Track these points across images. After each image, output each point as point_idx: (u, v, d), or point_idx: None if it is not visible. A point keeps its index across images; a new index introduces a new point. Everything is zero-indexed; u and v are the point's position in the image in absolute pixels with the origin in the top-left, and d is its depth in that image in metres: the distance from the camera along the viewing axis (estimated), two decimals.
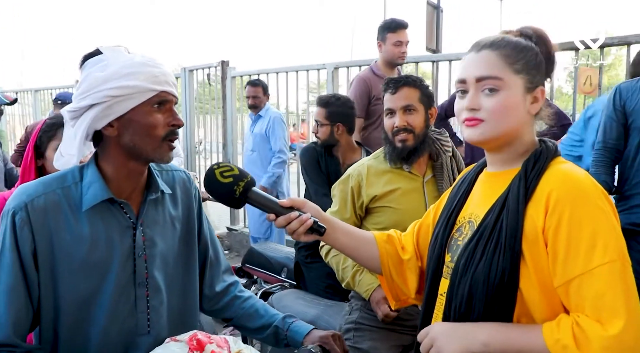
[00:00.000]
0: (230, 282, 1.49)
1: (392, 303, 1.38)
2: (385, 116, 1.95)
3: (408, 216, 1.83)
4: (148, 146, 1.18)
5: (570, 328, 0.94)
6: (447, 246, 1.17)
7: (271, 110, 4.59)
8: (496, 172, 1.14)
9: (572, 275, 0.96)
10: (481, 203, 1.13)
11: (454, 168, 2.00)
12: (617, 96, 2.49)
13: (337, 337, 1.34)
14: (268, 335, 1.41)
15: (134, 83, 1.13)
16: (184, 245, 1.36)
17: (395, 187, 1.91)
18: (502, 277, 1.00)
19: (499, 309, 1.01)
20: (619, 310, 0.92)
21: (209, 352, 1.16)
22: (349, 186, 1.97)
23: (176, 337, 1.19)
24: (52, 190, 1.18)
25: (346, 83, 4.64)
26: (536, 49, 1.09)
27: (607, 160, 2.51)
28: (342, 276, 1.96)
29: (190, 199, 1.39)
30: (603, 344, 0.90)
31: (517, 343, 0.98)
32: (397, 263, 1.33)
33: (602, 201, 0.99)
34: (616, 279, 0.93)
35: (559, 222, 0.97)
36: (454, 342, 1.03)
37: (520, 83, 1.06)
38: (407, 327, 1.90)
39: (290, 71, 4.97)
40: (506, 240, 1.01)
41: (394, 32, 3.48)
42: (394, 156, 1.92)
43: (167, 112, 1.20)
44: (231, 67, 5.49)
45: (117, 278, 1.20)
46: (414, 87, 1.90)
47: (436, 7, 9.49)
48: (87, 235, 1.18)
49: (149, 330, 1.26)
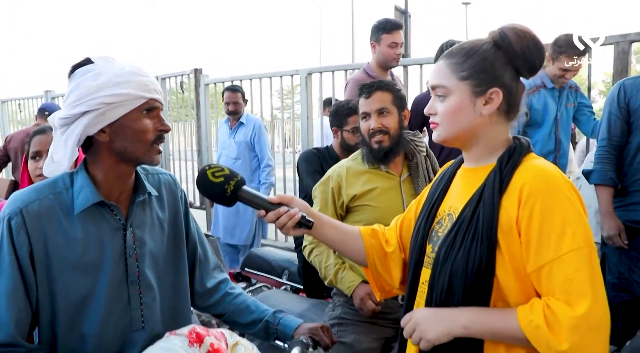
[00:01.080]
0: (221, 279, 1.55)
1: (377, 295, 1.45)
2: (361, 120, 2.04)
3: (386, 213, 1.92)
4: (138, 150, 1.25)
5: (541, 311, 1.01)
6: (428, 238, 1.25)
7: (251, 117, 4.56)
8: (472, 167, 1.22)
9: (544, 261, 1.03)
10: (460, 197, 1.21)
11: (429, 167, 2.09)
12: (622, 93, 2.50)
13: (325, 328, 1.41)
14: (259, 329, 1.47)
15: (127, 91, 1.20)
16: (173, 244, 1.41)
17: (373, 186, 2.00)
18: (479, 265, 1.07)
19: (477, 295, 1.08)
20: (586, 292, 0.99)
21: (207, 344, 1.22)
22: (329, 187, 2.05)
23: (175, 331, 1.24)
24: (45, 196, 1.24)
25: (319, 88, 4.71)
26: (487, 53, 1.15)
27: (612, 157, 2.53)
28: (324, 274, 2.03)
29: (177, 200, 1.45)
30: (571, 323, 0.98)
31: (495, 325, 1.06)
32: (382, 256, 1.39)
33: (570, 192, 1.06)
34: (583, 264, 1.01)
35: (531, 213, 1.05)
36: (436, 326, 1.10)
37: (466, 89, 1.15)
38: (389, 320, 1.98)
39: (263, 77, 5.00)
40: (483, 231, 1.08)
41: (389, 33, 3.32)
42: (371, 157, 2.00)
43: (155, 118, 1.27)
44: (204, 74, 5.52)
45: (110, 277, 1.26)
46: (387, 91, 2.00)
47: (404, 12, 9.68)
48: (79, 237, 1.23)
49: (143, 325, 1.32)
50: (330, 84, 4.53)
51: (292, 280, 2.94)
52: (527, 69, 1.16)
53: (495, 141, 1.18)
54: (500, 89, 1.15)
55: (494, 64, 1.15)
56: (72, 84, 1.23)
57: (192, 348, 1.22)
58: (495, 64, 1.15)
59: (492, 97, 1.15)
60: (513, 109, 1.18)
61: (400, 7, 9.53)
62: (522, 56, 1.14)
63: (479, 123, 1.16)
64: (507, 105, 1.17)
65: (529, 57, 1.14)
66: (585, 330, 0.98)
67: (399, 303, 1.96)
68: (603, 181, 2.53)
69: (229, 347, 1.28)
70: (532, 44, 1.14)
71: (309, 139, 4.79)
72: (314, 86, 4.72)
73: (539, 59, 1.15)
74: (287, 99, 18.87)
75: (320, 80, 4.66)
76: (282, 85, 4.95)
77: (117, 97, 1.19)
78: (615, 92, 2.52)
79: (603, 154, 2.55)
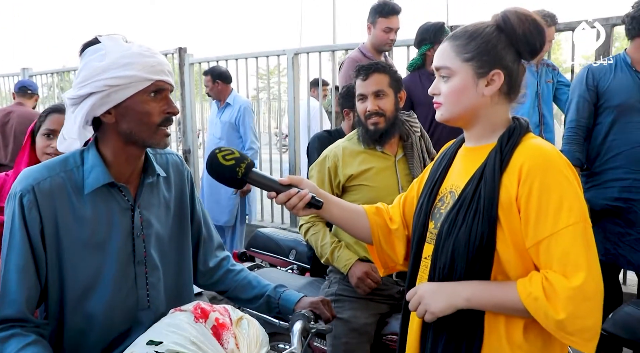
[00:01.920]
0: (222, 257, 1.57)
1: (381, 271, 1.49)
2: (357, 101, 2.07)
3: (382, 193, 1.99)
4: (144, 133, 1.24)
5: (540, 283, 1.07)
6: (430, 215, 1.29)
7: (239, 99, 4.53)
8: (473, 147, 1.26)
9: (542, 236, 1.08)
10: (461, 175, 1.25)
11: (423, 147, 2.13)
12: (590, 76, 2.61)
13: (325, 302, 1.44)
14: (261, 304, 1.49)
15: (132, 73, 1.18)
16: (178, 225, 1.43)
17: (369, 166, 2.04)
18: (481, 240, 1.12)
19: (478, 269, 1.14)
20: (582, 265, 1.05)
21: (212, 319, 1.24)
22: (326, 167, 2.08)
23: (181, 307, 1.26)
24: (57, 173, 1.24)
25: (306, 69, 4.70)
26: (490, 35, 1.19)
27: (579, 138, 2.63)
28: (321, 253, 2.07)
29: (183, 181, 1.46)
30: (568, 294, 1.04)
31: (496, 297, 1.12)
32: (386, 233, 1.44)
33: (567, 170, 1.12)
34: (579, 238, 1.07)
35: (530, 190, 1.10)
36: (440, 299, 1.16)
37: (469, 70, 1.19)
38: (384, 296, 2.03)
39: (249, 57, 4.97)
40: (484, 207, 1.13)
41: (385, 17, 3.27)
42: (367, 138, 2.04)
43: (163, 100, 1.25)
44: (189, 54, 5.45)
45: (118, 257, 1.28)
46: (384, 73, 2.03)
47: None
48: (89, 216, 1.24)
49: (149, 305, 1.34)
50: (317, 65, 4.52)
51: (300, 260, 2.94)
52: (529, 51, 1.20)
53: (496, 121, 1.22)
54: (501, 71, 1.18)
55: (496, 46, 1.18)
56: (81, 63, 1.23)
57: (197, 324, 1.23)
58: (497, 46, 1.18)
59: (494, 79, 1.19)
60: (514, 90, 1.22)
61: None
62: (523, 38, 1.18)
63: (481, 103, 1.20)
64: (508, 86, 1.21)
65: (530, 39, 1.18)
66: (580, 300, 1.04)
67: (393, 279, 2.01)
68: (572, 162, 2.58)
69: (233, 321, 1.31)
70: (533, 27, 1.18)
71: (295, 120, 4.79)
72: (302, 67, 4.70)
73: (540, 41, 1.19)
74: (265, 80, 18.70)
75: (307, 60, 4.64)
76: (269, 65, 4.92)
77: (122, 79, 1.18)
78: (583, 76, 2.63)
79: (571, 135, 2.65)
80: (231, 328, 1.26)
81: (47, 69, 7.41)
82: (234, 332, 1.26)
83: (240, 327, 1.31)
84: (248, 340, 1.28)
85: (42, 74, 7.26)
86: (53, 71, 7.18)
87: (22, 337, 1.16)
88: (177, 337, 1.17)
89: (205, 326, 1.24)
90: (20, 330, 1.18)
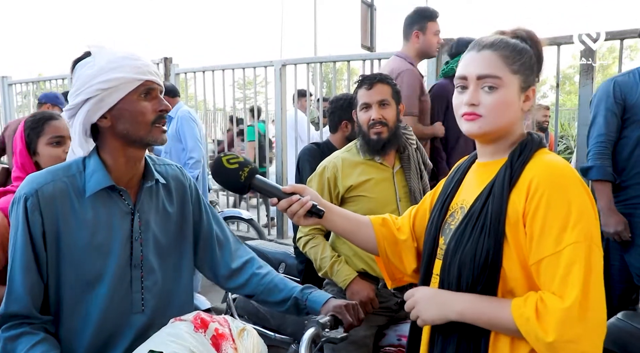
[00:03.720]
0: (247, 259, 1.56)
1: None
2: (359, 111, 2.07)
3: (380, 204, 1.99)
4: (140, 131, 1.29)
5: (534, 303, 1.03)
6: (441, 230, 1.27)
7: (180, 109, 4.23)
8: (486, 162, 1.24)
9: (544, 254, 1.05)
10: (472, 190, 1.23)
11: (419, 159, 2.15)
12: (617, 89, 2.53)
13: (350, 306, 1.40)
14: (289, 306, 1.48)
15: (120, 75, 1.24)
16: (178, 232, 1.45)
17: (368, 177, 2.04)
18: (487, 257, 1.10)
19: (484, 286, 1.11)
20: (577, 285, 1.00)
21: (212, 329, 1.23)
22: (325, 178, 2.08)
23: (181, 317, 1.25)
24: (59, 178, 1.29)
25: (294, 80, 4.71)
26: (531, 51, 1.18)
27: (609, 152, 2.56)
28: (320, 266, 2.06)
29: (185, 191, 1.48)
30: (559, 315, 0.99)
31: (489, 314, 1.09)
32: (393, 244, 1.42)
33: (578, 188, 1.07)
34: (579, 259, 1.01)
35: (537, 207, 1.07)
36: (432, 308, 1.15)
37: (517, 82, 1.16)
38: (382, 308, 2.02)
39: (236, 68, 4.98)
40: (491, 223, 1.11)
41: (434, 21, 3.15)
42: (369, 148, 2.04)
43: (154, 100, 1.31)
44: (174, 64, 5.44)
45: (117, 260, 1.30)
46: (387, 84, 2.05)
47: (370, 6, 9.72)
48: (90, 220, 1.28)
49: (143, 309, 1.35)
50: (303, 76, 4.54)
51: (290, 273, 2.88)
52: (539, 71, 1.22)
53: (515, 136, 1.20)
54: (534, 88, 1.20)
55: (533, 63, 1.19)
56: (74, 76, 1.29)
57: (197, 334, 1.23)
58: (533, 63, 1.19)
59: (529, 95, 1.19)
60: (532, 108, 1.22)
61: (366, 0, 9.56)
62: (541, 58, 1.21)
63: (517, 118, 1.19)
64: (533, 101, 1.21)
65: (542, 60, 1.21)
66: (572, 322, 0.99)
67: (391, 291, 2.01)
68: (604, 177, 2.54)
69: (234, 333, 1.30)
70: (542, 48, 1.21)
71: (283, 131, 4.79)
72: (289, 78, 4.72)
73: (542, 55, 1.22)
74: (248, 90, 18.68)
75: (295, 71, 4.66)
76: (256, 76, 4.93)
77: (112, 82, 1.24)
78: (609, 89, 2.55)
79: (601, 149, 2.56)
80: (230, 339, 1.25)
81: (24, 78, 7.33)
82: (234, 343, 1.25)
83: (241, 338, 1.31)
84: (247, 351, 1.27)
85: (21, 82, 7.19)
86: (32, 80, 7.15)
87: (31, 335, 1.21)
88: (177, 346, 1.17)
89: (205, 336, 1.24)
90: (29, 328, 1.22)
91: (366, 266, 2.02)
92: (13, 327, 1.22)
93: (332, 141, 2.81)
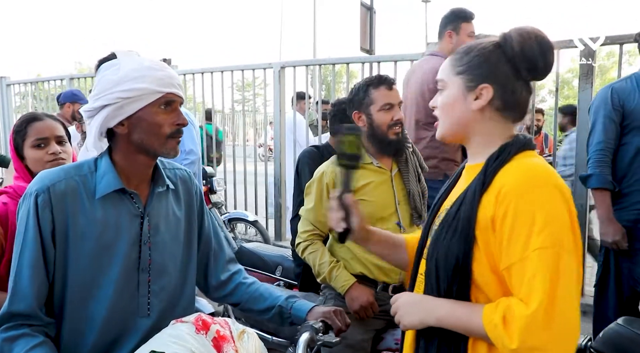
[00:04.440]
0: (234, 271, 1.60)
1: None
2: (378, 111, 2.02)
3: (380, 207, 2.00)
4: (155, 143, 1.30)
5: (503, 309, 1.02)
6: (430, 231, 1.27)
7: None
8: (472, 165, 1.23)
9: (512, 261, 1.04)
10: (455, 193, 1.23)
11: (415, 162, 2.15)
12: (615, 96, 2.51)
13: (338, 312, 1.43)
14: (273, 314, 1.50)
15: (143, 86, 1.24)
16: (185, 237, 1.46)
17: (368, 181, 2.04)
18: (456, 261, 1.10)
19: (456, 290, 1.12)
20: (540, 291, 0.99)
21: (213, 331, 1.24)
22: (324, 183, 2.08)
23: (182, 318, 1.26)
24: (71, 176, 1.29)
25: (292, 83, 4.72)
26: (485, 50, 1.15)
27: (608, 160, 2.53)
28: (318, 271, 2.06)
29: (192, 196, 1.50)
30: (523, 321, 0.98)
31: (464, 321, 1.09)
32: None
33: (549, 193, 1.05)
34: (545, 264, 1.00)
35: (505, 212, 1.05)
36: (413, 314, 1.17)
37: (460, 83, 1.17)
38: (380, 312, 2.02)
39: (235, 69, 4.99)
40: (462, 228, 1.11)
41: (468, 22, 3.16)
42: (385, 148, 2.04)
43: (173, 113, 1.31)
44: (174, 65, 5.43)
45: (124, 262, 1.31)
46: (395, 87, 2.07)
47: (369, 9, 9.74)
48: (99, 220, 1.28)
49: (149, 313, 1.36)
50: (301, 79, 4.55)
51: (286, 276, 2.86)
52: (528, 69, 1.14)
53: (492, 138, 1.18)
54: (491, 86, 1.15)
55: (489, 60, 1.16)
56: (97, 77, 1.29)
57: (198, 335, 1.23)
58: (491, 60, 1.16)
59: (482, 93, 1.16)
60: (510, 107, 1.17)
61: (366, 3, 9.58)
62: (521, 54, 1.13)
63: (471, 118, 1.18)
64: (502, 102, 1.17)
65: (530, 56, 1.13)
66: (536, 329, 0.98)
67: (389, 294, 2.01)
68: (603, 185, 2.53)
69: (235, 335, 1.30)
70: (536, 44, 1.13)
71: (281, 133, 4.80)
72: (288, 80, 4.73)
73: (545, 61, 1.13)
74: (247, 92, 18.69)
75: (294, 74, 4.67)
76: (255, 78, 4.93)
77: (134, 91, 1.24)
78: (607, 96, 2.54)
79: (601, 157, 2.53)
80: (231, 341, 1.26)
81: (23, 78, 7.33)
82: (235, 344, 1.26)
83: (242, 340, 1.31)
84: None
85: (19, 83, 7.20)
86: (30, 81, 7.16)
87: (30, 338, 1.20)
88: (178, 347, 1.18)
89: (206, 338, 1.25)
90: (29, 330, 1.21)
91: (365, 270, 2.03)
92: (13, 328, 1.21)
93: (333, 144, 2.79)
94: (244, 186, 5.25)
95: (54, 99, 5.40)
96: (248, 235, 5.21)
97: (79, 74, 6.97)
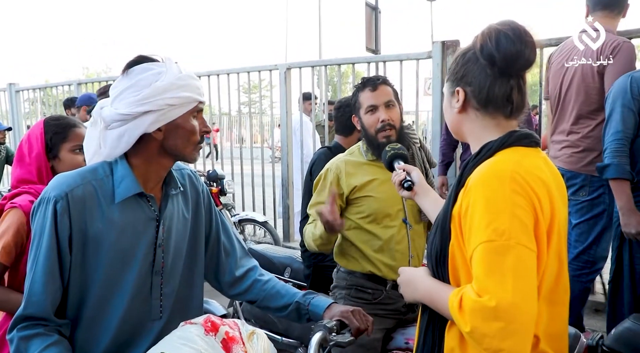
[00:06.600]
0: (249, 267, 1.58)
1: None
2: (364, 114, 2.03)
3: (386, 204, 1.99)
4: (187, 149, 1.34)
5: (461, 294, 1.08)
6: None
7: None
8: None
9: (469, 252, 1.10)
10: None
11: (423, 157, 2.13)
12: (635, 85, 2.42)
13: (357, 311, 1.42)
14: (290, 311, 1.49)
15: (187, 94, 1.29)
16: (193, 238, 1.46)
17: (373, 178, 2.03)
18: (437, 253, 1.21)
19: (439, 277, 1.22)
20: (485, 282, 1.03)
21: (222, 332, 1.25)
22: (329, 181, 2.07)
23: (191, 320, 1.26)
24: (88, 181, 1.29)
25: (299, 84, 4.72)
26: (461, 54, 1.24)
27: (626, 150, 2.44)
28: (311, 237, 2.03)
29: (199, 195, 1.50)
30: (470, 306, 1.04)
31: (437, 300, 1.19)
32: None
33: (502, 187, 1.08)
34: (487, 256, 1.05)
35: (467, 205, 1.12)
36: (407, 290, 1.30)
37: (446, 89, 1.29)
38: (389, 310, 2.02)
39: (241, 71, 5.00)
40: (440, 222, 1.21)
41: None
42: (376, 152, 2.00)
43: (201, 120, 1.36)
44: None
45: (140, 265, 1.32)
46: (389, 86, 2.04)
47: (374, 9, 9.74)
48: (117, 224, 1.29)
49: (161, 315, 1.37)
50: (308, 80, 4.55)
51: (295, 278, 2.85)
52: (501, 59, 1.14)
53: (482, 136, 1.23)
54: (462, 88, 1.22)
55: (465, 63, 1.22)
56: (130, 81, 1.27)
57: (208, 337, 1.24)
58: (466, 63, 1.22)
59: (457, 95, 1.25)
60: (491, 104, 1.20)
61: (371, 2, 9.58)
62: (487, 48, 1.15)
63: (459, 120, 1.27)
64: (478, 101, 1.21)
65: (502, 47, 1.13)
66: (482, 316, 1.02)
67: (398, 293, 1.99)
68: (622, 175, 2.44)
69: (244, 336, 1.30)
70: (503, 35, 1.14)
71: (288, 134, 4.80)
72: (294, 81, 4.73)
73: (519, 50, 1.14)
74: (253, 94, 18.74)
75: (299, 75, 4.67)
76: (261, 80, 4.94)
77: (180, 99, 1.27)
78: (626, 85, 2.44)
79: (619, 147, 2.44)
80: (241, 342, 1.26)
81: (32, 84, 7.40)
82: (244, 345, 1.26)
83: (251, 341, 1.31)
84: None
85: (28, 89, 7.27)
86: (39, 87, 7.22)
87: (45, 337, 1.21)
88: (188, 349, 1.18)
89: (216, 339, 1.25)
90: (44, 330, 1.22)
91: (373, 268, 2.02)
92: (28, 328, 1.21)
93: (344, 144, 2.80)
94: (251, 188, 5.26)
95: (62, 104, 5.45)
96: (257, 236, 5.22)
97: (86, 79, 7.06)
